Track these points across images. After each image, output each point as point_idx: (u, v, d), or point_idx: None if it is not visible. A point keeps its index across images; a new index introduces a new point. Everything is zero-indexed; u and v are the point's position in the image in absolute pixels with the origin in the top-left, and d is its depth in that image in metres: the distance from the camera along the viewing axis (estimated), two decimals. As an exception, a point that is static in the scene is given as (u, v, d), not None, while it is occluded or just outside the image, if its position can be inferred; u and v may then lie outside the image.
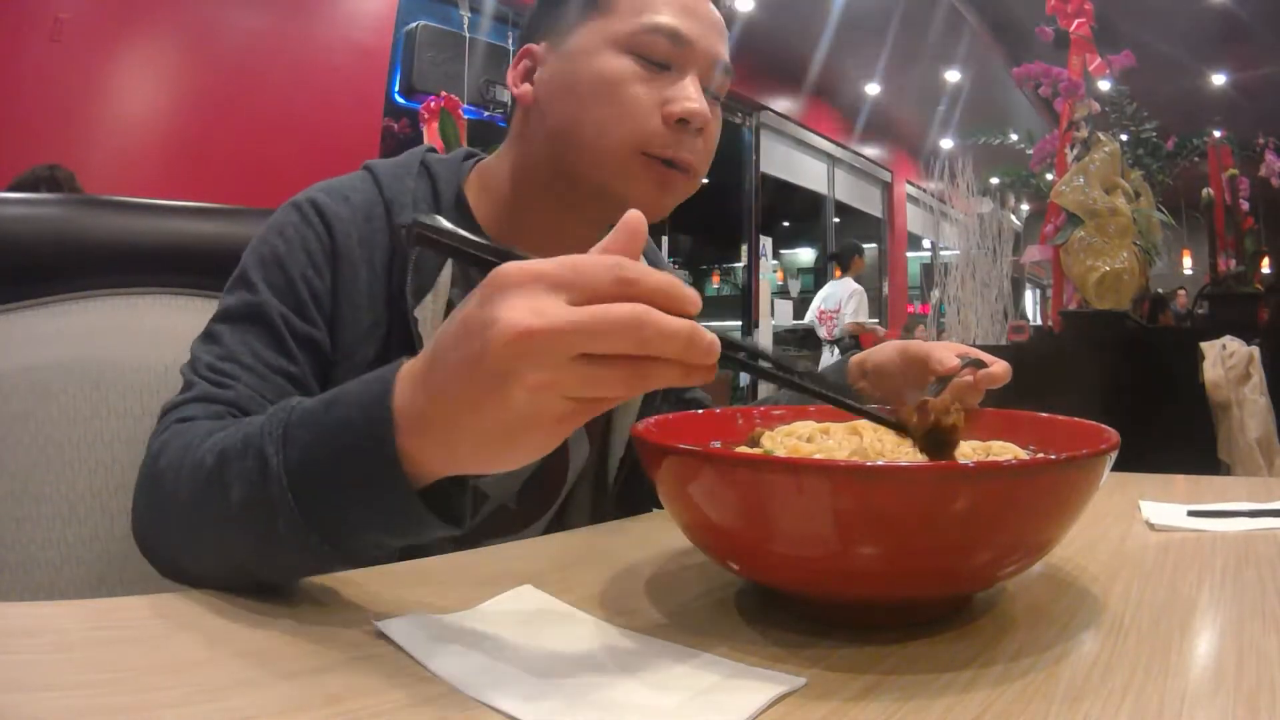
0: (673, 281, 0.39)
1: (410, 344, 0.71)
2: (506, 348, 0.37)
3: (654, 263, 0.92)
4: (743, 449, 0.58)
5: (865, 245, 10.79)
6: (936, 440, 0.52)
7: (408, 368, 0.44)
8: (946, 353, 0.75)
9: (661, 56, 0.71)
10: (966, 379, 0.72)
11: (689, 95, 0.71)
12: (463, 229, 0.43)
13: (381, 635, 0.45)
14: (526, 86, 0.76)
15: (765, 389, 6.79)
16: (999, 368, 0.74)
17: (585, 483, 0.89)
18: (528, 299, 0.38)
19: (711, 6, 0.75)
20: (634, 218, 0.41)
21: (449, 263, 0.74)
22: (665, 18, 0.71)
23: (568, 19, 0.74)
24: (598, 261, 0.39)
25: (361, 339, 0.71)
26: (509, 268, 0.39)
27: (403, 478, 0.43)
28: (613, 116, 0.70)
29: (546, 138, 0.74)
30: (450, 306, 0.72)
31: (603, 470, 0.89)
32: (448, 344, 0.41)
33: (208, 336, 0.69)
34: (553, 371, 0.38)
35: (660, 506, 0.87)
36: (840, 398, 0.54)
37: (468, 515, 0.47)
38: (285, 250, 0.70)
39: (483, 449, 0.42)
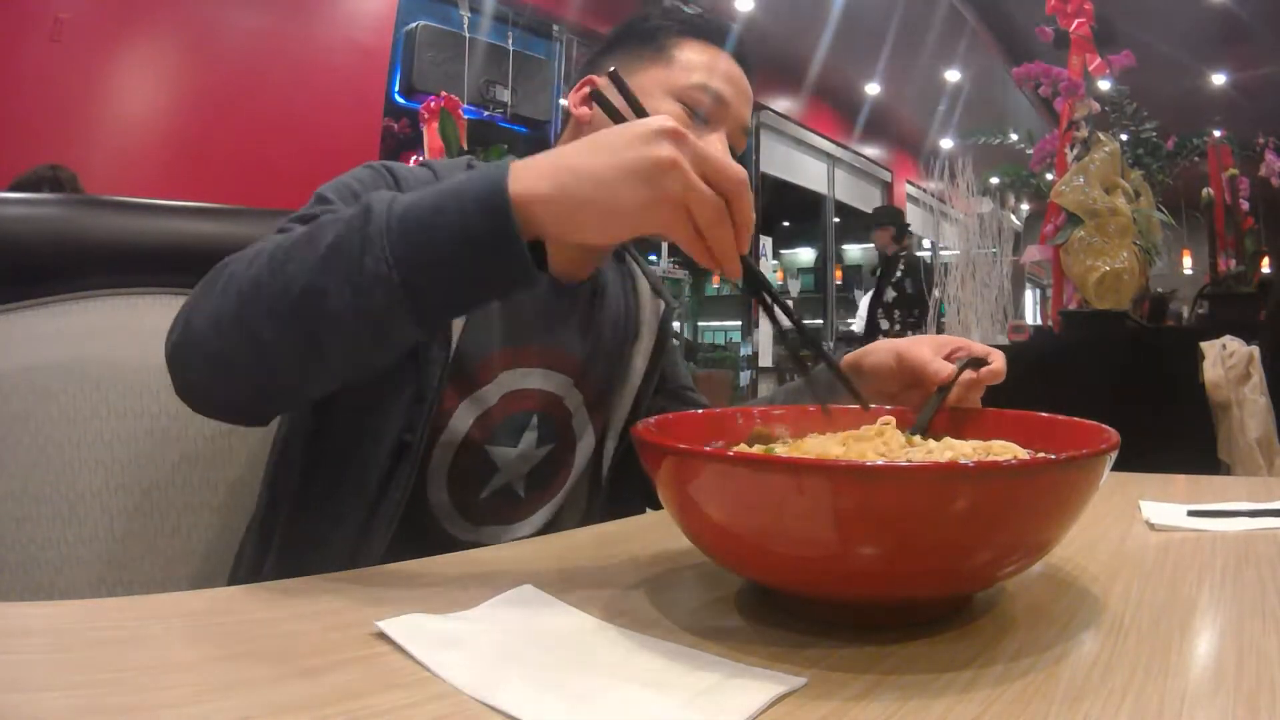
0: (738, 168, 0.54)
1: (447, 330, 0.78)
2: (656, 132, 0.53)
3: (656, 280, 1.00)
4: (742, 448, 0.58)
5: (865, 245, 10.81)
6: None
7: (524, 161, 0.56)
8: (939, 359, 0.75)
9: (704, 111, 0.85)
10: (970, 376, 0.72)
11: (711, 146, 0.80)
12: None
13: (381, 635, 0.45)
14: (585, 110, 0.87)
15: (765, 389, 6.79)
16: (998, 362, 0.74)
17: (582, 475, 0.93)
18: (660, 129, 0.54)
19: (745, 80, 0.89)
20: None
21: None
22: (715, 82, 0.85)
23: (630, 62, 0.87)
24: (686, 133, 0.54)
25: None
26: (650, 119, 0.55)
27: (507, 209, 0.53)
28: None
29: None
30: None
31: (597, 464, 0.93)
32: (608, 141, 0.54)
33: (285, 224, 0.69)
34: (676, 173, 0.52)
35: (653, 506, 0.88)
36: (837, 367, 0.65)
37: (548, 265, 0.56)
38: (359, 186, 0.77)
39: (580, 213, 0.54)
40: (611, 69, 0.66)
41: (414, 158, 3.83)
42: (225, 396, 0.64)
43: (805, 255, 10.56)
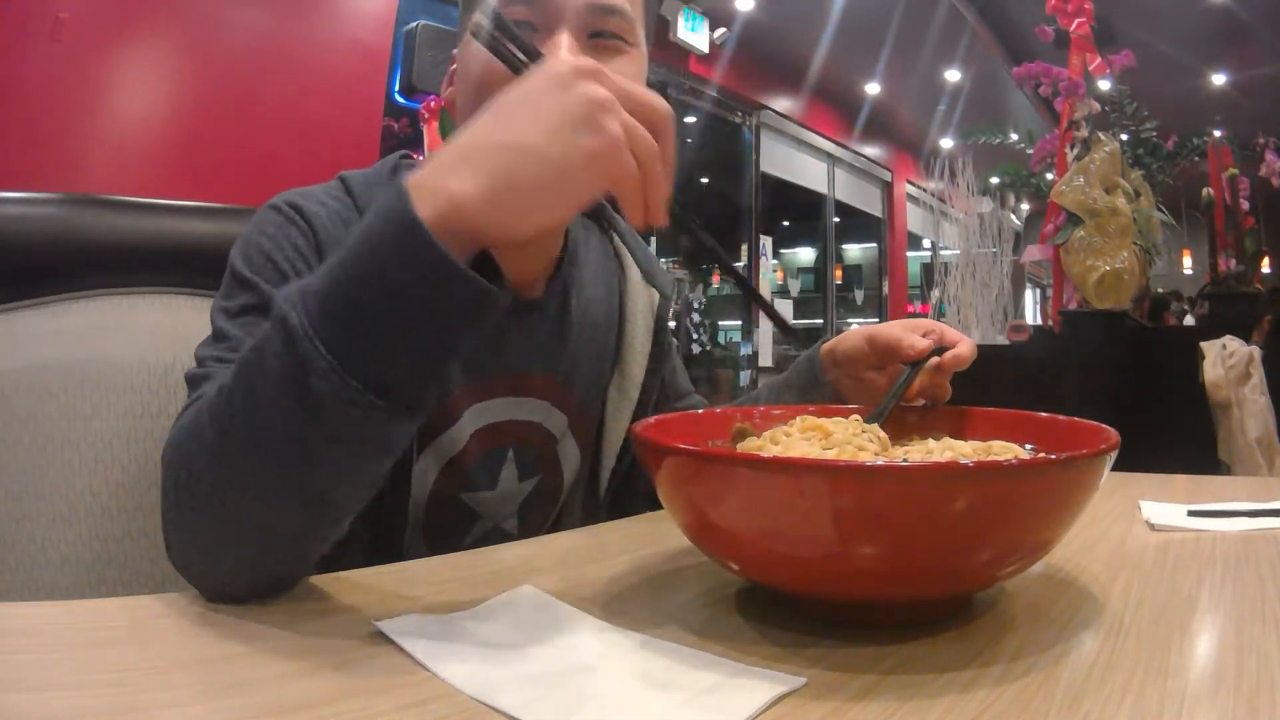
0: (664, 120, 0.48)
1: None
2: (574, 73, 0.46)
3: (653, 268, 0.91)
4: (717, 444, 0.58)
5: (864, 245, 10.81)
6: None
7: (420, 170, 0.47)
8: (913, 335, 0.74)
9: (520, 21, 0.69)
10: (934, 361, 0.72)
11: (555, 53, 0.67)
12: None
13: (381, 635, 0.45)
14: (450, 90, 0.79)
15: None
16: (965, 348, 0.73)
17: (577, 493, 0.87)
18: (574, 60, 0.47)
19: None
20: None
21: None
22: None
23: (461, 13, 0.78)
24: (597, 66, 0.48)
25: None
26: (577, 60, 0.48)
27: (429, 239, 0.43)
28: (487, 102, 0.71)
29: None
30: None
31: (594, 481, 0.87)
32: (519, 101, 0.46)
33: (212, 338, 0.65)
34: (614, 113, 0.45)
35: (652, 507, 0.87)
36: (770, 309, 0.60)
37: (503, 275, 0.50)
38: (272, 246, 0.68)
39: (527, 190, 0.45)
40: (492, 10, 0.55)
41: (415, 157, 3.83)
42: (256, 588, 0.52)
43: (805, 255, 10.56)
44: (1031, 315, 7.29)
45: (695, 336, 6.67)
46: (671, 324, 0.92)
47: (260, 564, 0.50)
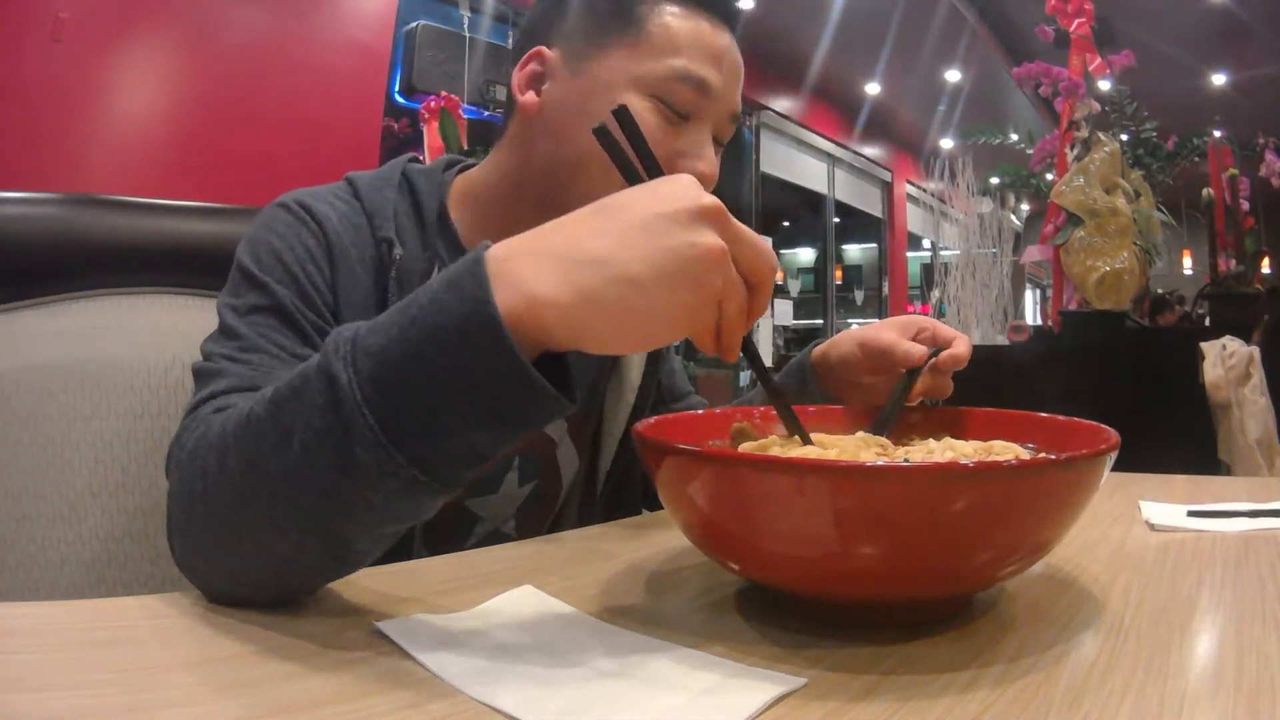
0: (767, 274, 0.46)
1: None
2: (701, 210, 0.43)
3: None
4: (717, 443, 0.58)
5: (864, 245, 10.80)
6: None
7: (503, 241, 0.43)
8: (906, 342, 0.72)
9: (684, 106, 0.70)
10: (931, 364, 0.70)
11: (702, 156, 0.70)
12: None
13: (381, 635, 0.45)
14: (532, 95, 0.73)
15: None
16: (960, 345, 0.71)
17: (574, 494, 0.87)
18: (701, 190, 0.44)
19: (737, 53, 0.74)
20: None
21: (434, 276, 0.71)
22: (696, 66, 0.69)
23: (589, 33, 0.71)
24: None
25: None
26: (674, 177, 0.45)
27: (503, 331, 0.40)
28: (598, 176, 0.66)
29: (547, 158, 0.72)
30: None
31: (591, 482, 0.88)
32: (635, 222, 0.43)
33: (220, 333, 0.63)
34: (722, 269, 0.43)
35: (650, 508, 0.88)
36: (780, 405, 0.59)
37: (575, 386, 0.44)
38: (282, 245, 0.67)
39: (613, 318, 0.42)
40: (619, 105, 0.50)
41: (420, 159, 3.83)
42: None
43: (805, 255, 10.56)
44: (1031, 315, 7.29)
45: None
46: None
47: (268, 583, 0.49)
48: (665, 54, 0.69)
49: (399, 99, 4.34)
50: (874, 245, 10.22)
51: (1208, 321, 2.95)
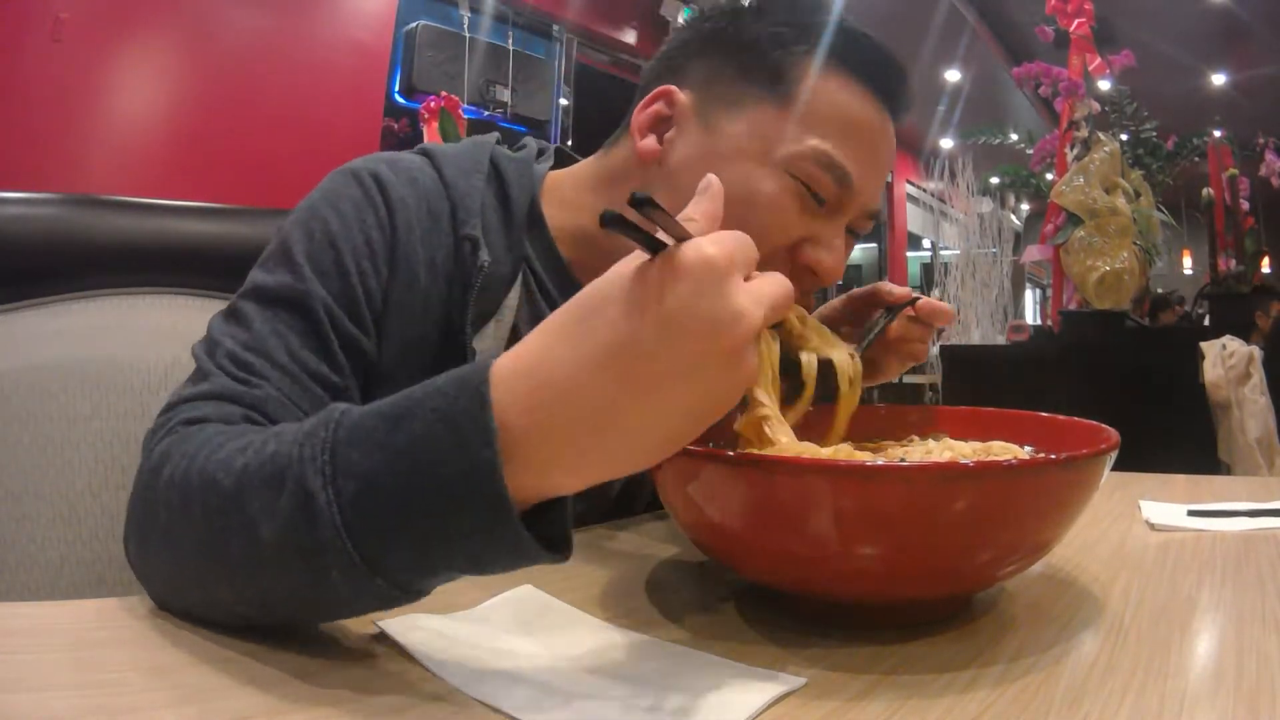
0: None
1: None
2: (749, 337, 0.36)
3: None
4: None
5: (864, 245, 10.79)
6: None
7: (508, 368, 0.36)
8: (890, 285, 0.72)
9: (823, 193, 0.61)
10: (910, 311, 0.70)
11: (830, 249, 0.63)
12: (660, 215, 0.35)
13: (381, 635, 0.44)
14: (653, 142, 0.65)
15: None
16: (928, 303, 0.69)
17: (581, 501, 0.85)
18: (740, 289, 0.36)
19: (892, 134, 0.65)
20: (714, 181, 0.41)
21: (517, 285, 0.65)
22: (844, 156, 0.60)
23: (730, 81, 0.63)
24: (744, 238, 0.38)
25: (405, 356, 0.60)
26: (708, 255, 0.35)
27: (508, 505, 0.35)
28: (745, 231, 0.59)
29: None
30: (515, 334, 0.64)
31: (604, 490, 0.85)
32: (631, 331, 0.35)
33: (233, 315, 0.57)
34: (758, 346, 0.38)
35: (649, 507, 0.87)
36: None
37: (570, 539, 0.39)
38: (340, 229, 0.59)
39: (639, 446, 0.36)
40: (642, 195, 0.34)
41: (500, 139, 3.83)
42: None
43: (805, 255, 10.54)
44: (1031, 315, 7.30)
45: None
46: None
47: (224, 621, 0.45)
48: (816, 127, 0.60)
49: (399, 99, 4.34)
50: (874, 245, 10.23)
51: (1207, 321, 2.95)
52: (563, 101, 5.13)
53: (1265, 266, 3.11)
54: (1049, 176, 2.94)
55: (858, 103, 0.62)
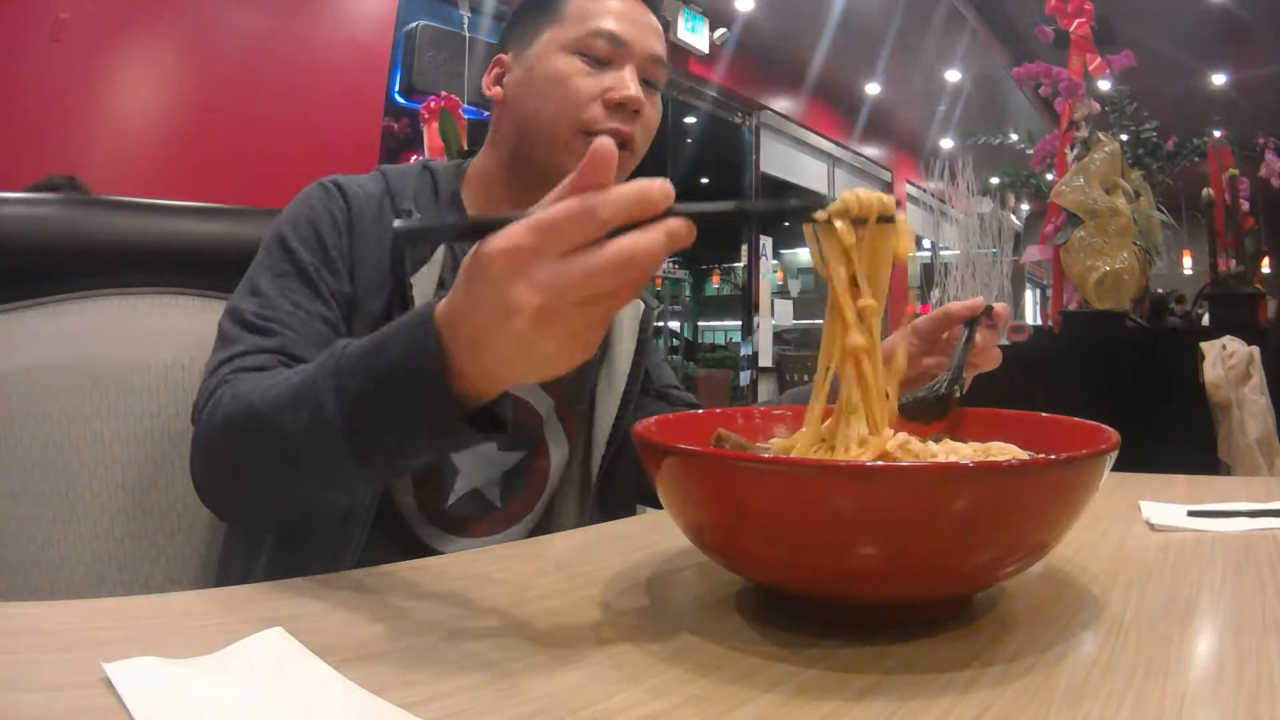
0: (639, 194, 0.42)
1: (406, 304, 0.79)
2: (528, 326, 0.43)
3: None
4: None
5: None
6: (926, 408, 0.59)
7: (442, 315, 0.49)
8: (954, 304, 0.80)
9: (602, 55, 0.83)
10: (986, 320, 0.78)
11: (625, 84, 0.82)
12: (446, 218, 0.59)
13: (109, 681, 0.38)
14: (497, 89, 0.88)
15: (765, 389, 6.79)
16: (1000, 306, 0.79)
17: (571, 484, 0.92)
18: (524, 280, 0.43)
19: (647, 11, 0.86)
20: (601, 146, 0.43)
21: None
22: (607, 24, 0.83)
23: (529, 30, 0.86)
24: (566, 218, 0.43)
25: (371, 294, 0.80)
26: (494, 251, 0.44)
27: (452, 405, 0.49)
28: (561, 105, 0.82)
29: (512, 131, 0.86)
30: (442, 282, 0.82)
31: (586, 470, 0.91)
32: (470, 305, 0.47)
33: (247, 289, 0.76)
34: (562, 323, 0.44)
35: (645, 505, 0.89)
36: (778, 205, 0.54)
37: (509, 417, 0.53)
38: (313, 215, 0.80)
39: (516, 374, 0.48)
40: (401, 227, 0.57)
41: (414, 156, 3.83)
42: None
43: (805, 255, 10.55)
44: (1031, 315, 7.29)
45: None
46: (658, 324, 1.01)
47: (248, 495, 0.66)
48: (582, 20, 0.84)
49: (399, 99, 4.34)
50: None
51: (1205, 320, 2.95)
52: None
53: (1265, 266, 3.11)
54: (1049, 176, 2.94)
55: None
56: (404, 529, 0.81)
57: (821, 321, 0.54)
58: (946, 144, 8.51)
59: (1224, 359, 2.24)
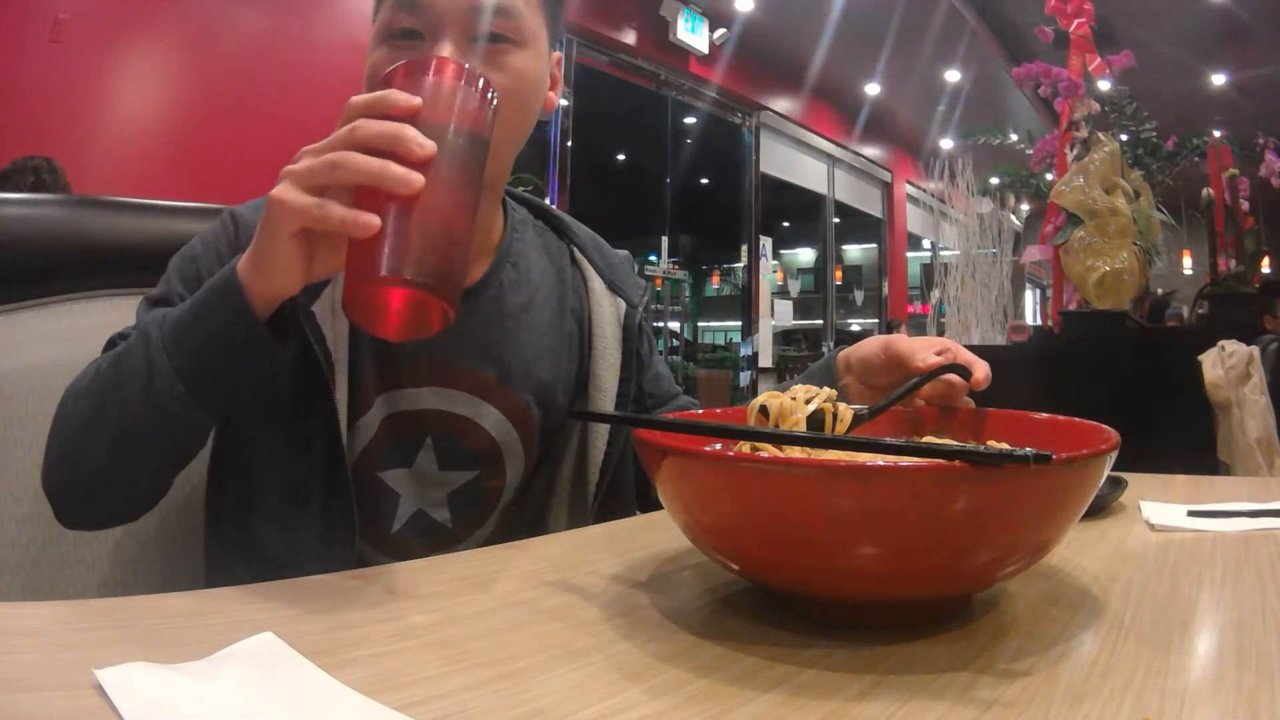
0: (377, 100, 0.56)
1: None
2: (275, 207, 0.58)
3: (619, 276, 0.92)
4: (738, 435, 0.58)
5: (864, 246, 10.81)
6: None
7: (242, 260, 0.62)
8: (927, 351, 0.74)
9: (408, 26, 0.72)
10: (951, 378, 0.71)
11: (443, 49, 0.71)
12: None
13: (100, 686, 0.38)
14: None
15: (765, 390, 6.78)
16: (979, 373, 0.71)
17: (562, 501, 0.87)
18: (286, 185, 0.58)
19: None
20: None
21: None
22: None
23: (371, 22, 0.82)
24: (324, 144, 0.58)
25: None
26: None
27: (250, 309, 0.60)
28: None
29: None
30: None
31: (581, 488, 0.87)
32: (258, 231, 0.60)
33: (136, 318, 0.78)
34: (299, 213, 0.57)
35: (648, 509, 0.87)
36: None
37: (291, 330, 0.65)
38: (200, 251, 0.78)
39: (273, 273, 0.60)
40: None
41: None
42: (91, 513, 0.72)
43: (805, 255, 10.57)
44: (1031, 315, 7.29)
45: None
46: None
47: (91, 487, 0.67)
48: (385, 6, 0.75)
49: (399, 99, 4.34)
50: (874, 245, 10.23)
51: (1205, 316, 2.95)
52: (562, 102, 5.13)
53: (1265, 266, 3.11)
54: (1049, 177, 2.94)
55: None
56: (355, 561, 0.74)
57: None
58: (946, 144, 8.51)
59: (1224, 359, 2.24)
